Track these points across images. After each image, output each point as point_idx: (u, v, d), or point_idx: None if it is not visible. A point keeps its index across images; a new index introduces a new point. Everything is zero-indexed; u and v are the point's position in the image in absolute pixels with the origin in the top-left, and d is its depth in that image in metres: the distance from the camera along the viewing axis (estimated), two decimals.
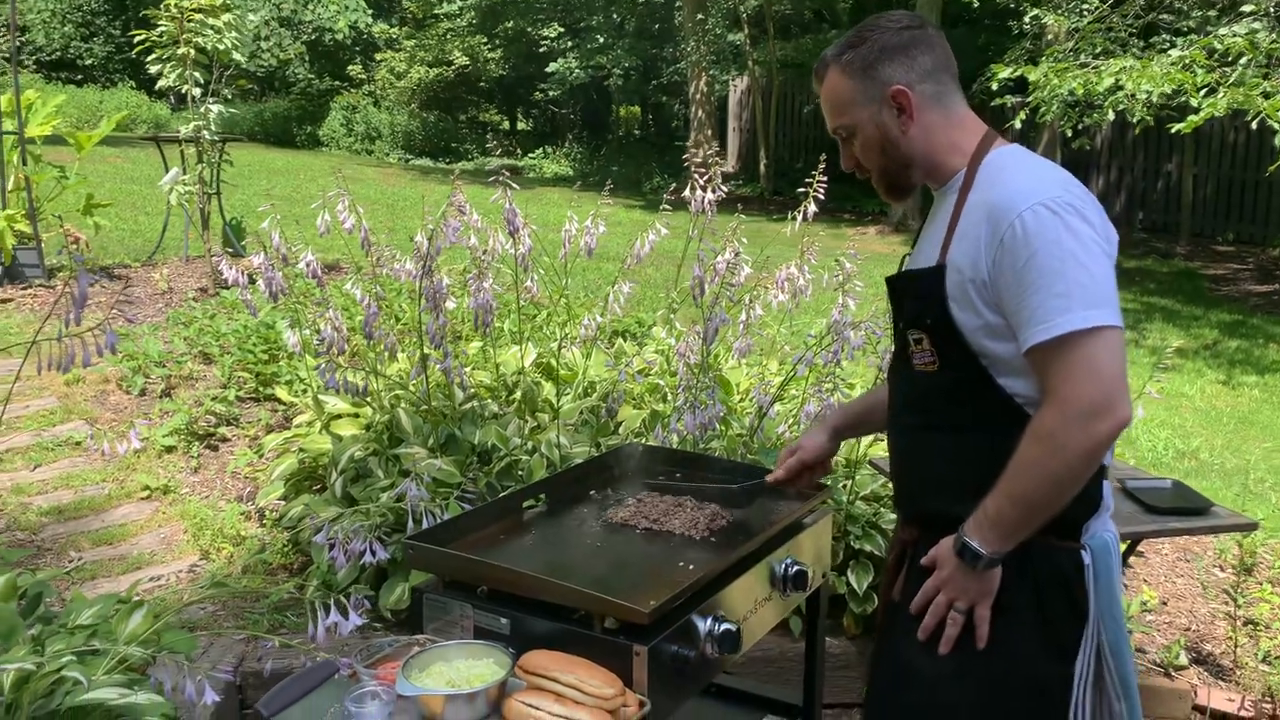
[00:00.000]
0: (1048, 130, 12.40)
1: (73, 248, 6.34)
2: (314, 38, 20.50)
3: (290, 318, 4.01)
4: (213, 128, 6.50)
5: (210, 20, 6.33)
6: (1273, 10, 7.99)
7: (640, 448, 2.67)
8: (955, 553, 1.71)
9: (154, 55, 6.41)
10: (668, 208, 3.74)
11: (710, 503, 2.32)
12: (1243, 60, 7.26)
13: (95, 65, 20.16)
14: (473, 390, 3.87)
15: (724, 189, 3.59)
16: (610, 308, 3.82)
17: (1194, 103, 7.30)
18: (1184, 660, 3.48)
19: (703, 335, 3.39)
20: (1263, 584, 3.93)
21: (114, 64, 20.06)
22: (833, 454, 2.31)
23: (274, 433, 4.33)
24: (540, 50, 19.46)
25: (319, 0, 20.20)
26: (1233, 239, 13.77)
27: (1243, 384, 7.36)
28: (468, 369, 4.04)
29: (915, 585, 1.85)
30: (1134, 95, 7.53)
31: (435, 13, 20.38)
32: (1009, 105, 10.45)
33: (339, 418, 3.94)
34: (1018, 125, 9.63)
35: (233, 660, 3.05)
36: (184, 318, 5.59)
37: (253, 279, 3.81)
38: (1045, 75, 8.18)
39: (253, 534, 3.86)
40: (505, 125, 23.48)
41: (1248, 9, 8.10)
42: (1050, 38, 11.02)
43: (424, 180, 15.27)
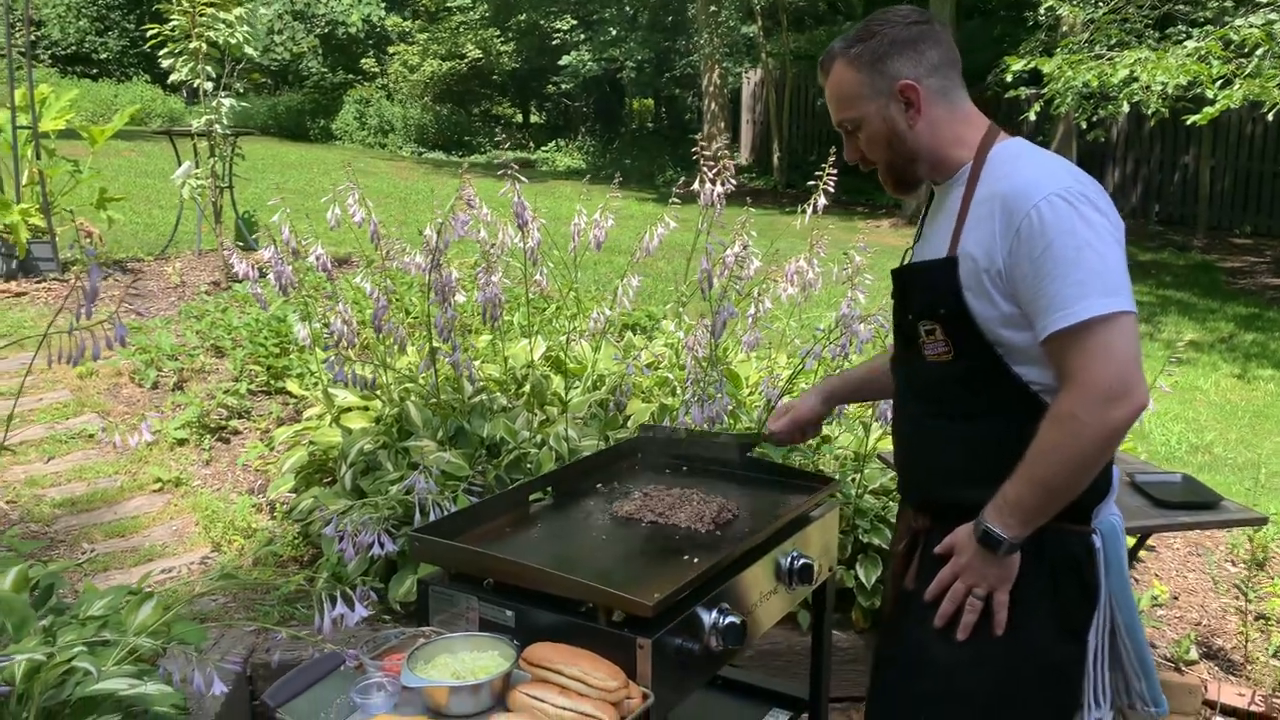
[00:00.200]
0: (1063, 122, 12.32)
1: (86, 242, 6.37)
2: (327, 31, 20.56)
3: (300, 311, 4.02)
4: (225, 121, 6.53)
5: (222, 14, 6.35)
6: None
7: (640, 438, 2.67)
8: (975, 539, 1.73)
9: (166, 49, 6.44)
10: (676, 201, 3.73)
11: (717, 495, 2.32)
12: (1259, 51, 7.20)
13: (110, 60, 20.26)
14: (482, 384, 3.88)
15: (733, 182, 3.58)
16: (619, 301, 3.82)
17: (1210, 94, 7.25)
18: (1194, 655, 3.47)
19: (711, 329, 3.38)
20: (1274, 579, 3.91)
21: (129, 58, 20.15)
22: (824, 417, 2.38)
23: (285, 426, 4.35)
24: (553, 43, 19.45)
25: None
26: (1250, 231, 13.68)
27: (1258, 378, 7.31)
28: (477, 362, 4.05)
29: (929, 573, 1.86)
30: (1149, 87, 7.48)
31: (448, 6, 20.40)
32: (1024, 97, 10.39)
33: (349, 411, 3.95)
34: (1032, 117, 9.59)
35: (243, 652, 3.07)
36: (196, 311, 5.62)
37: (263, 273, 3.82)
38: (1059, 67, 8.13)
39: (263, 526, 3.88)
40: (518, 118, 23.50)
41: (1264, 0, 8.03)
42: (1065, 29, 10.95)
43: (437, 174, 15.30)
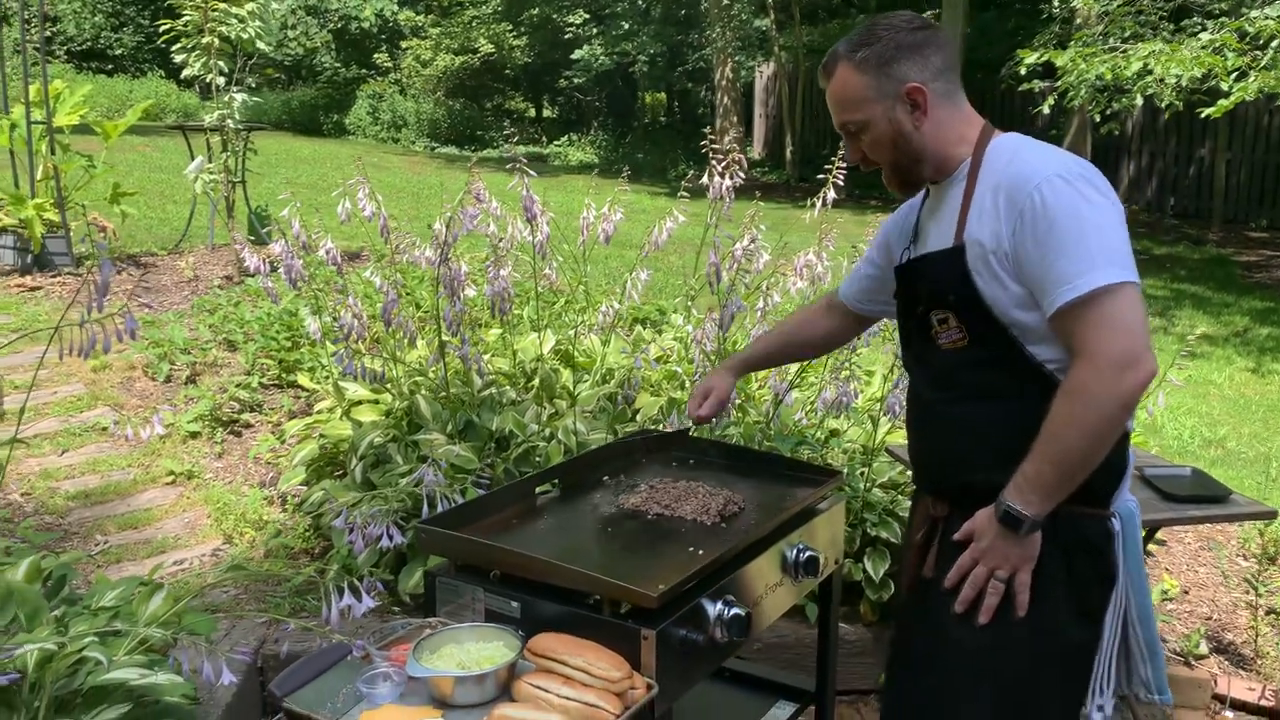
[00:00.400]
0: (1077, 115, 12.25)
1: (99, 236, 6.41)
2: (340, 26, 20.60)
3: (312, 305, 4.04)
4: (237, 116, 6.56)
5: (234, 9, 6.38)
6: None
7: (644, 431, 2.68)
8: (997, 520, 1.75)
9: (179, 45, 6.47)
10: (685, 195, 3.74)
11: (723, 489, 2.33)
12: (1275, 43, 7.15)
13: (125, 55, 20.34)
14: (491, 377, 3.89)
15: (742, 175, 3.58)
16: (628, 295, 3.83)
17: (1224, 87, 7.20)
18: (1204, 649, 3.46)
19: (719, 322, 3.39)
20: None
21: (143, 54, 20.23)
22: (733, 391, 2.53)
23: (296, 419, 4.37)
24: (565, 37, 19.44)
25: None
26: (1266, 225, 13.57)
27: (1273, 372, 7.26)
28: (486, 356, 4.06)
29: (948, 560, 1.89)
30: (1163, 80, 7.43)
31: (460, 0, 20.41)
32: (1037, 90, 10.32)
33: (359, 404, 3.96)
34: (1046, 110, 9.51)
35: (254, 643, 3.09)
36: (209, 305, 5.65)
37: (274, 267, 3.84)
38: (1072, 60, 8.08)
39: (275, 519, 3.90)
40: (531, 113, 23.51)
41: None
42: (1080, 22, 10.87)
43: (449, 168, 15.32)
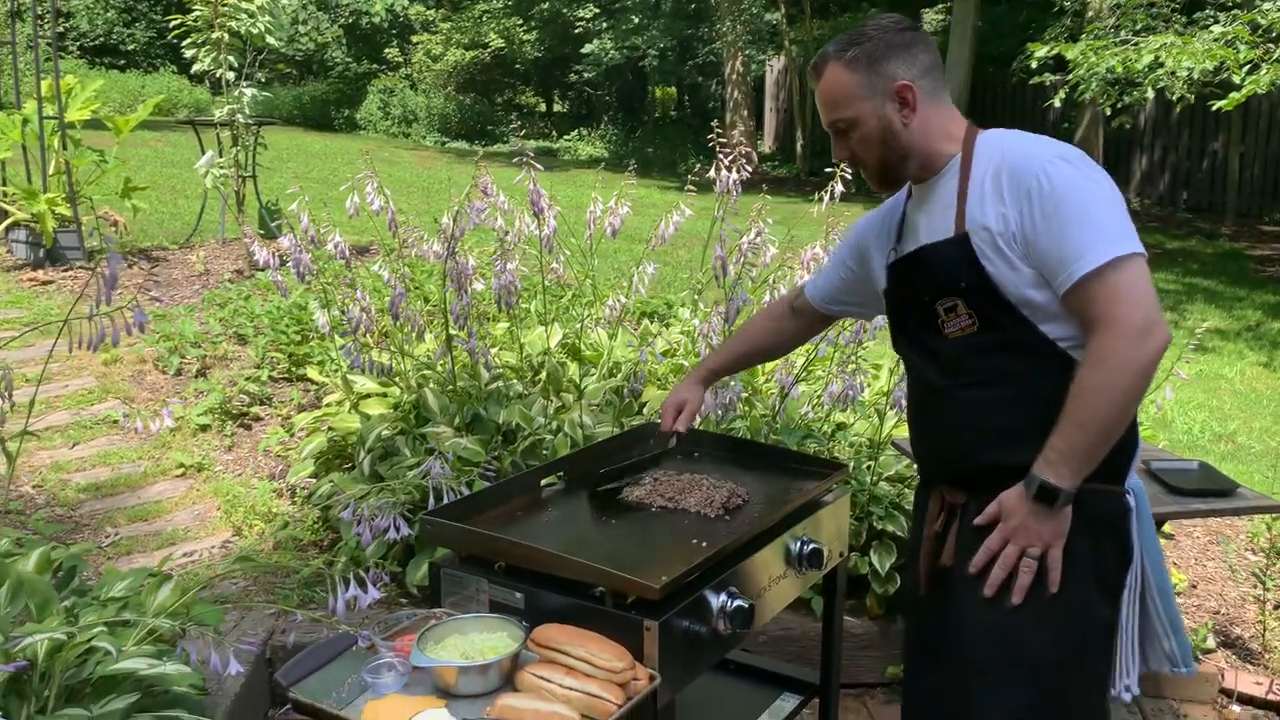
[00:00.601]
0: (1088, 109, 12.19)
1: (110, 230, 6.44)
2: (351, 21, 20.63)
3: (321, 299, 4.06)
4: (247, 111, 6.58)
5: (244, 4, 6.40)
6: None
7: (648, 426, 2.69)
8: (1029, 497, 1.76)
9: (189, 40, 6.50)
10: (692, 189, 3.74)
11: (727, 481, 2.33)
12: None
13: (137, 50, 20.41)
14: (498, 370, 3.90)
15: (748, 169, 3.58)
16: (635, 289, 3.83)
17: (1237, 79, 7.16)
18: (1212, 643, 3.45)
19: (724, 315, 3.39)
20: None
21: (156, 49, 20.30)
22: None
23: (305, 412, 4.39)
24: (575, 31, 19.42)
25: None
26: None
27: None
28: (494, 349, 4.07)
29: (969, 546, 1.90)
30: (1174, 73, 7.40)
31: None
32: (1048, 84, 10.28)
33: (368, 397, 3.98)
34: (1057, 104, 9.47)
35: (263, 634, 3.11)
36: (219, 299, 5.68)
37: (284, 261, 3.86)
38: (1083, 53, 8.04)
39: (284, 511, 3.93)
40: (541, 107, 23.51)
41: None
42: (1092, 15, 10.83)
43: (460, 163, 15.33)
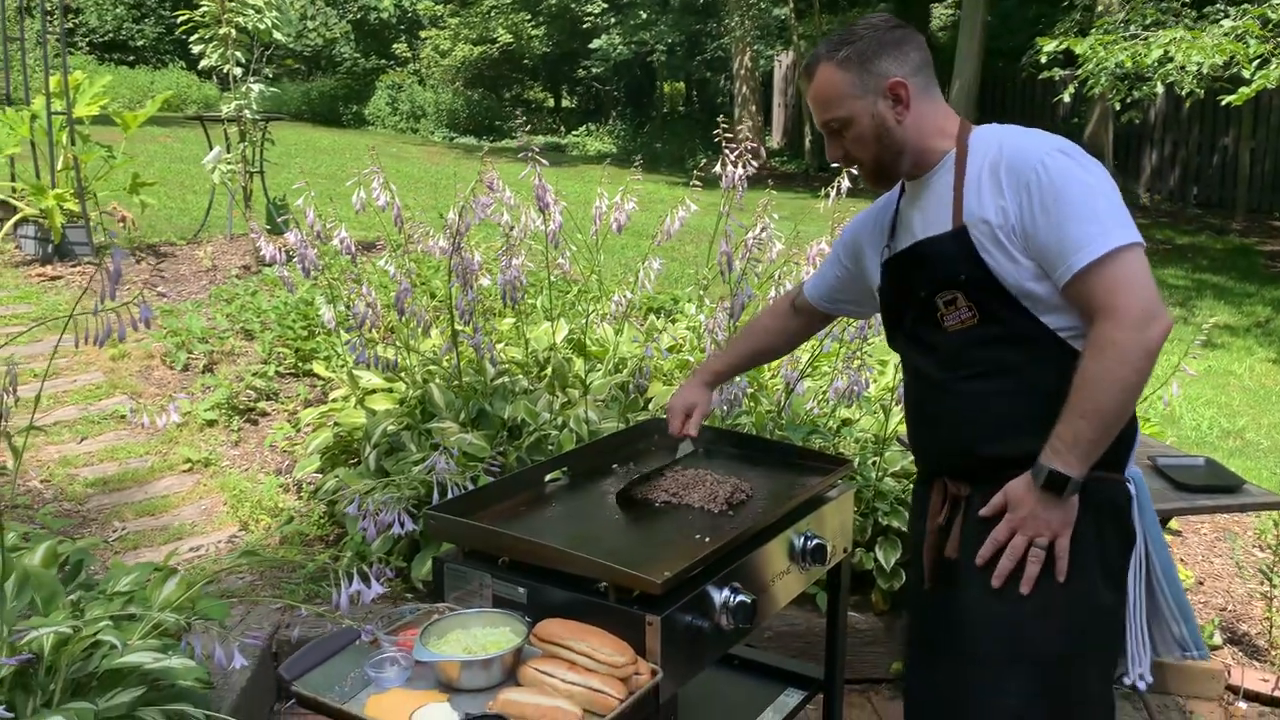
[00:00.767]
0: (1098, 104, 12.14)
1: (119, 226, 6.46)
2: (359, 16, 20.64)
3: (326, 294, 4.07)
4: (254, 107, 6.59)
5: (251, 0, 6.41)
6: None
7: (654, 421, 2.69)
8: (1037, 486, 1.77)
9: (197, 35, 6.51)
10: (697, 184, 3.74)
11: (731, 477, 2.33)
12: None
13: (146, 46, 20.45)
14: (504, 366, 3.91)
15: (755, 164, 3.58)
16: (641, 284, 3.83)
17: (1246, 74, 7.12)
18: (1218, 640, 3.44)
19: (730, 311, 3.39)
20: None
21: (165, 45, 20.33)
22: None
23: (311, 407, 4.40)
24: (584, 27, 19.40)
25: None
26: None
27: None
28: (500, 345, 4.07)
29: (974, 538, 1.91)
30: (1184, 68, 7.36)
31: None
32: (1057, 78, 10.24)
33: (373, 393, 3.99)
34: (1066, 99, 9.44)
35: (269, 628, 3.12)
36: (226, 294, 5.69)
37: (290, 256, 3.87)
38: (1092, 48, 8.01)
39: (290, 506, 3.94)
40: (549, 103, 23.49)
41: None
42: (1101, 9, 10.78)
43: (468, 158, 15.33)
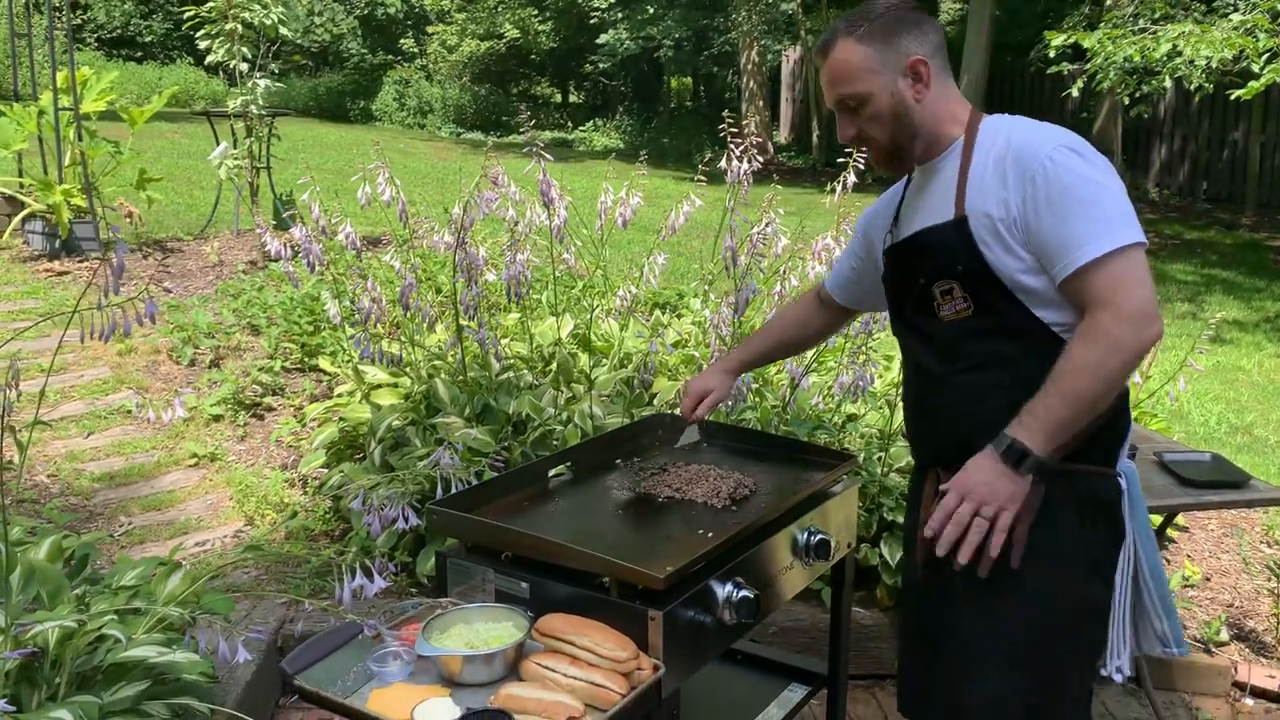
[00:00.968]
0: (1106, 98, 12.09)
1: (125, 221, 6.47)
2: (366, 12, 20.63)
3: (332, 290, 4.07)
4: (260, 102, 6.59)
5: None
6: None
7: (668, 418, 2.69)
8: (998, 455, 1.74)
9: (203, 31, 6.52)
10: (702, 179, 3.73)
11: (734, 472, 2.33)
12: None
13: (154, 42, 20.45)
14: (509, 361, 3.91)
15: (760, 159, 3.57)
16: (646, 279, 3.82)
17: (1256, 68, 7.09)
18: (1225, 636, 3.43)
19: (734, 306, 3.38)
20: None
21: (173, 41, 20.32)
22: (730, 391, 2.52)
23: (317, 402, 4.41)
24: (591, 22, 19.36)
25: None
26: None
27: None
28: (504, 340, 4.07)
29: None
30: (1192, 62, 7.32)
31: None
32: (1066, 73, 10.19)
33: (379, 388, 3.99)
34: (1075, 93, 9.39)
35: (274, 623, 3.13)
36: (233, 290, 5.70)
37: (296, 252, 3.87)
38: (1100, 42, 7.97)
39: (296, 501, 3.94)
40: (557, 98, 23.46)
41: None
42: (1110, 3, 10.73)
43: (475, 154, 15.33)
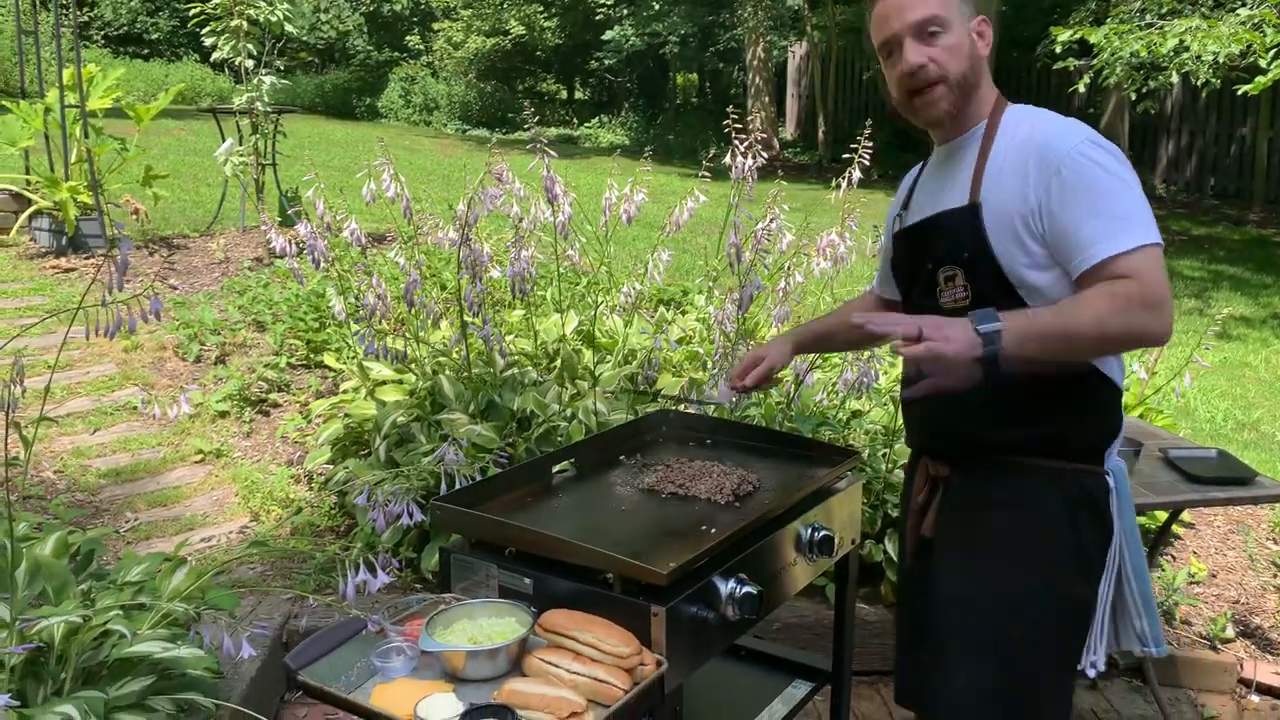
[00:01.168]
0: (1113, 94, 12.04)
1: (131, 218, 6.49)
2: (372, 9, 20.64)
3: (337, 286, 4.08)
4: (266, 99, 6.60)
5: None
6: None
7: (672, 414, 2.69)
8: (972, 317, 1.64)
9: (209, 28, 6.53)
10: (706, 175, 3.73)
11: (738, 468, 2.33)
12: None
13: (161, 39, 20.49)
14: (513, 358, 3.91)
15: (765, 155, 3.57)
16: (650, 276, 3.82)
17: (1263, 63, 7.06)
18: (1231, 633, 3.42)
19: (738, 302, 3.38)
20: None
21: (179, 38, 20.35)
22: (788, 364, 2.44)
23: (322, 399, 4.42)
24: (596, 18, 19.34)
25: None
26: None
27: None
28: (509, 337, 4.07)
29: (949, 520, 1.93)
30: (1199, 57, 7.29)
31: None
32: (1073, 68, 10.15)
33: (384, 384, 4.00)
34: (1081, 89, 9.36)
35: (279, 618, 3.14)
36: (239, 286, 5.71)
37: (301, 249, 3.87)
38: (1106, 37, 7.94)
39: (301, 497, 3.95)
40: (562, 95, 23.45)
41: None
42: None
43: (481, 151, 15.33)
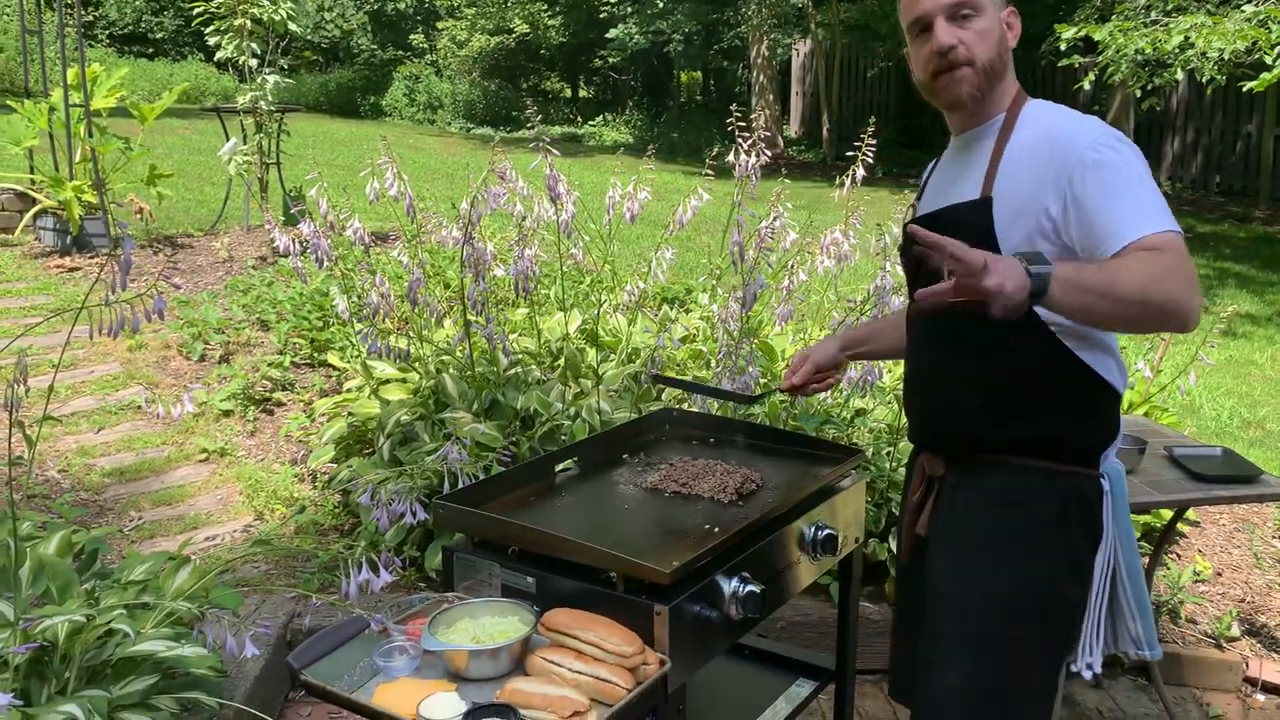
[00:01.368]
0: (1118, 91, 12.01)
1: (136, 217, 6.49)
2: (376, 8, 20.65)
3: (341, 285, 4.08)
4: (269, 98, 6.60)
5: None
6: None
7: (675, 413, 2.69)
8: (1022, 258, 1.56)
9: (213, 27, 6.53)
10: (710, 173, 3.73)
11: (741, 467, 2.32)
12: None
13: (165, 39, 20.52)
14: (517, 356, 3.91)
15: (768, 153, 3.56)
16: (653, 274, 3.82)
17: (1269, 60, 7.03)
18: (1236, 632, 3.42)
19: (741, 301, 3.38)
20: None
21: (184, 37, 20.39)
22: (839, 365, 2.34)
23: (326, 397, 4.42)
24: (600, 16, 19.33)
25: None
26: None
27: None
28: (512, 335, 4.07)
29: (945, 518, 1.92)
30: (1204, 54, 7.27)
31: None
32: (1077, 65, 10.12)
33: (387, 383, 4.00)
34: (1086, 86, 9.34)
35: (283, 617, 3.14)
36: (242, 285, 5.72)
37: (304, 247, 3.88)
38: (1111, 34, 7.92)
39: (305, 495, 3.95)
40: (566, 93, 23.44)
41: None
42: None
43: (484, 149, 15.33)
